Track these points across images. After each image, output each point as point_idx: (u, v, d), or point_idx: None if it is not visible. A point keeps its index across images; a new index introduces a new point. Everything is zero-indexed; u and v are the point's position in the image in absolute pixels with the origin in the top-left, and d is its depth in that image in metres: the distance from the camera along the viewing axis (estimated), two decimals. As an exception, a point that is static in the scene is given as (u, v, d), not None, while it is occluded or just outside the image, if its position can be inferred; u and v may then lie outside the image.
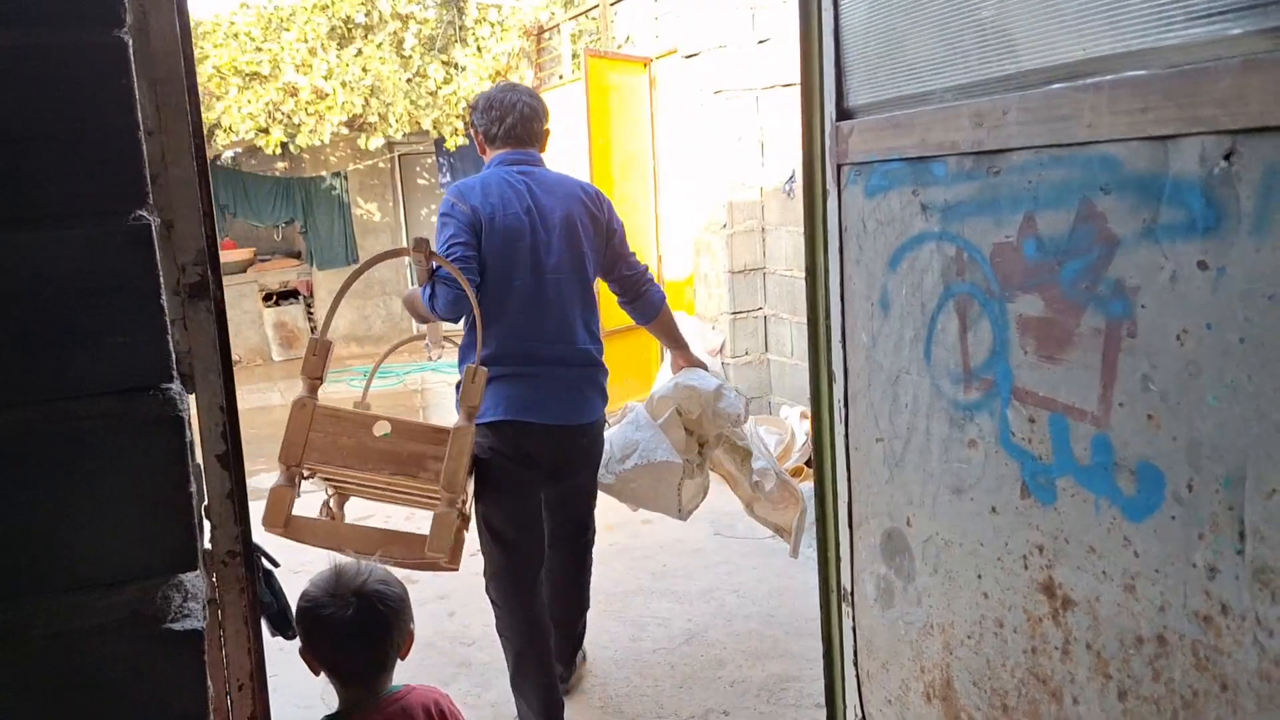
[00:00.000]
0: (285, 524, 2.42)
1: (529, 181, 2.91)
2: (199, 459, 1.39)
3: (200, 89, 6.98)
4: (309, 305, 11.60)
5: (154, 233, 1.25)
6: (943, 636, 1.62)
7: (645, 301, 3.25)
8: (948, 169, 1.59)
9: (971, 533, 1.55)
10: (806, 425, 5.52)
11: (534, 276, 2.85)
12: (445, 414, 8.46)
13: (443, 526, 2.45)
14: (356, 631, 1.77)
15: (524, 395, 2.82)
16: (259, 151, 11.33)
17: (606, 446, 3.30)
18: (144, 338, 1.24)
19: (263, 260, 11.55)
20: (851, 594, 1.86)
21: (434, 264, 2.73)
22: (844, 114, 1.83)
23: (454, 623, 3.89)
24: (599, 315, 3.08)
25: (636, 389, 6.97)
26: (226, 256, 11.28)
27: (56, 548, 1.19)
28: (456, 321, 2.88)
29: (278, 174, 11.36)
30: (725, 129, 5.80)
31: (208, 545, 1.42)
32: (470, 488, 2.74)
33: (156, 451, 1.25)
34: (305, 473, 2.50)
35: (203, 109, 8.95)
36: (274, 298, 11.50)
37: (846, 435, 1.85)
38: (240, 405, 1.44)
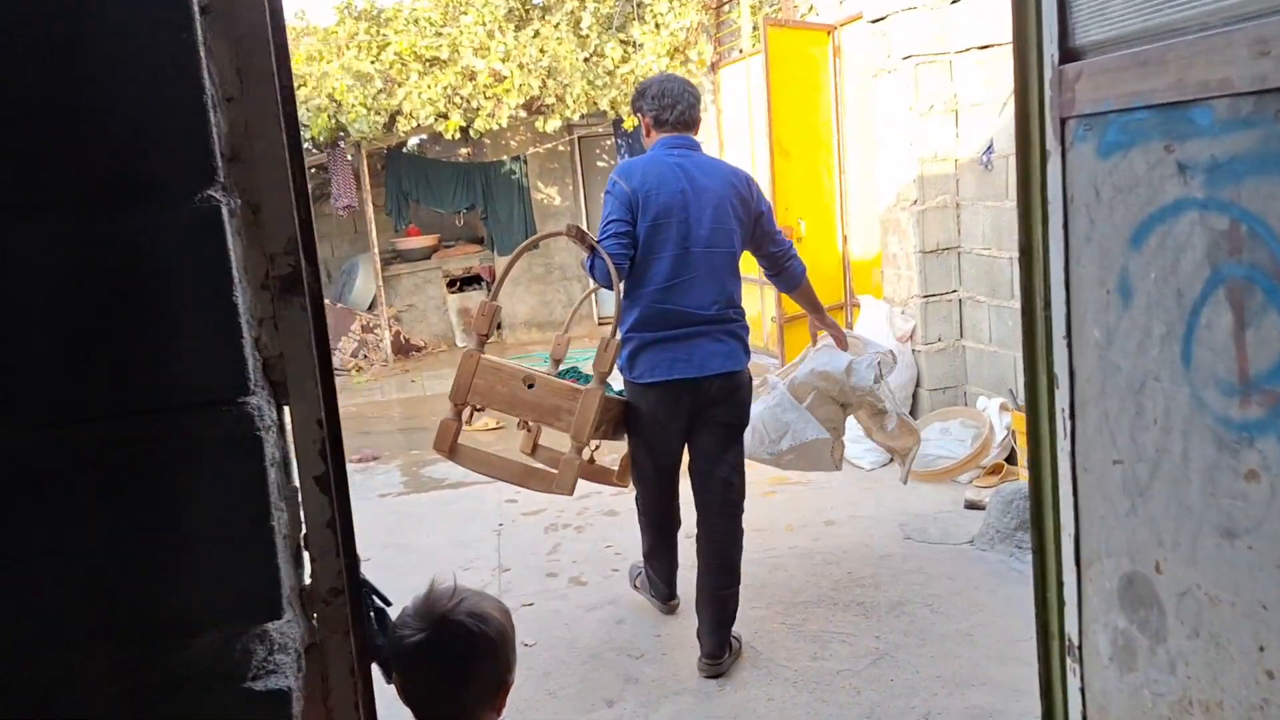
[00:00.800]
0: (451, 450, 3.04)
1: (687, 164, 3.24)
2: (295, 481, 1.20)
3: (382, 76, 7.06)
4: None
5: (227, 216, 1.05)
6: (1206, 718, 1.27)
7: (789, 274, 3.62)
8: (1215, 116, 1.22)
9: (1248, 590, 1.19)
10: (1007, 419, 5.04)
11: (684, 249, 3.18)
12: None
13: (567, 467, 3.01)
14: (431, 660, 1.48)
15: (671, 356, 3.19)
16: (441, 138, 11.54)
17: (758, 427, 3.77)
18: (214, 341, 1.05)
19: (446, 246, 11.78)
20: (1079, 647, 1.52)
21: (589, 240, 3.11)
22: (1069, 55, 1.48)
23: (622, 632, 3.69)
24: (741, 285, 3.41)
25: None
26: (411, 243, 11.56)
27: (115, 590, 1.02)
28: (610, 289, 3.14)
29: (460, 160, 11.54)
30: (915, 97, 5.36)
31: (308, 581, 1.23)
32: (609, 435, 3.30)
33: (231, 478, 1.06)
34: (468, 412, 3.10)
35: (385, 96, 9.20)
36: (457, 284, 11.71)
37: (1073, 453, 1.50)
38: (424, 392, 1.25)
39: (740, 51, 8.39)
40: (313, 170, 11.50)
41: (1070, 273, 1.50)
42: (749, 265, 3.58)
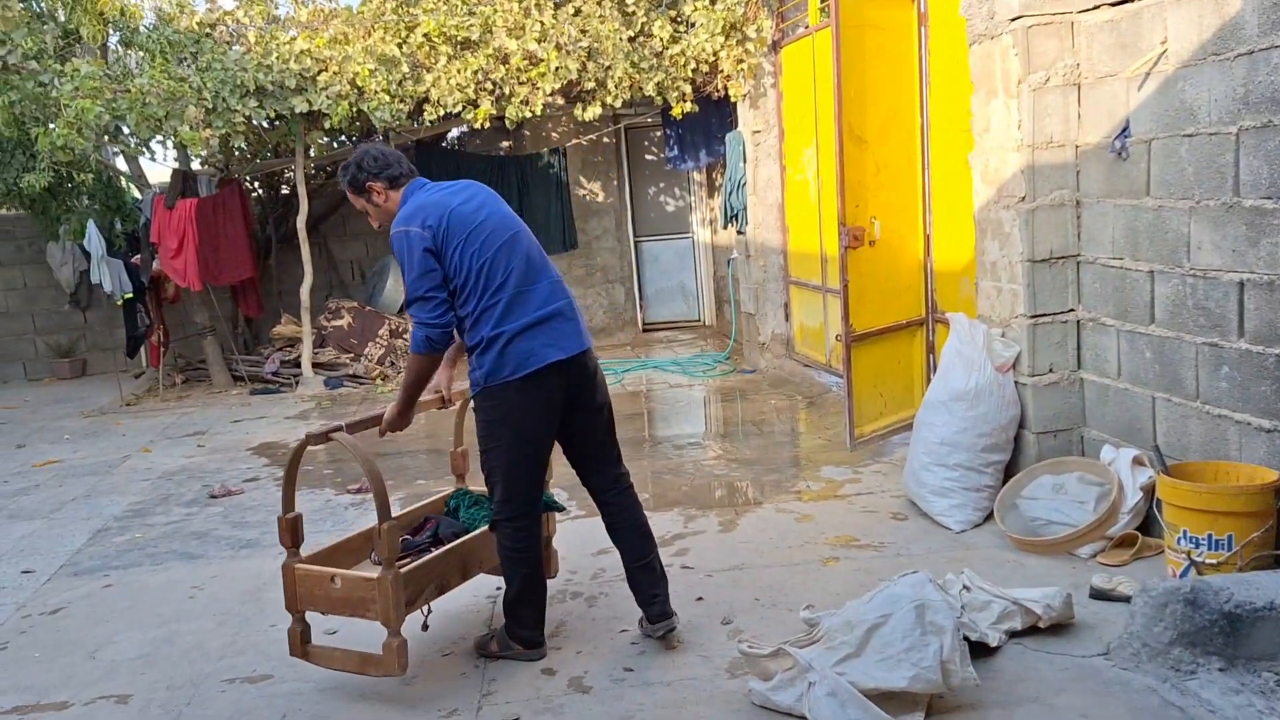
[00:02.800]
0: (304, 655, 3.34)
1: (450, 192, 3.32)
2: None
3: (409, 60, 6.07)
4: (529, 294, 10.81)
5: None
6: None
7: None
8: None
9: None
10: (1143, 477, 3.94)
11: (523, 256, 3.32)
12: (668, 424, 7.33)
13: (388, 652, 3.17)
14: None
15: (542, 341, 3.25)
16: (481, 131, 10.63)
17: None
18: None
19: (484, 246, 10.89)
20: None
21: None
22: None
23: None
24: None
25: (896, 404, 5.55)
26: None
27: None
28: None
29: (494, 153, 10.63)
30: (1025, 68, 4.28)
31: None
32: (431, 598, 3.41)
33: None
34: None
35: (412, 81, 8.29)
36: (494, 287, 10.80)
37: None
38: None
39: (805, 27, 7.33)
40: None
41: None
42: (805, 270, 2.71)
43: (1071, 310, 4.42)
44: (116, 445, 7.43)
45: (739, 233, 8.76)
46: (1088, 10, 4.21)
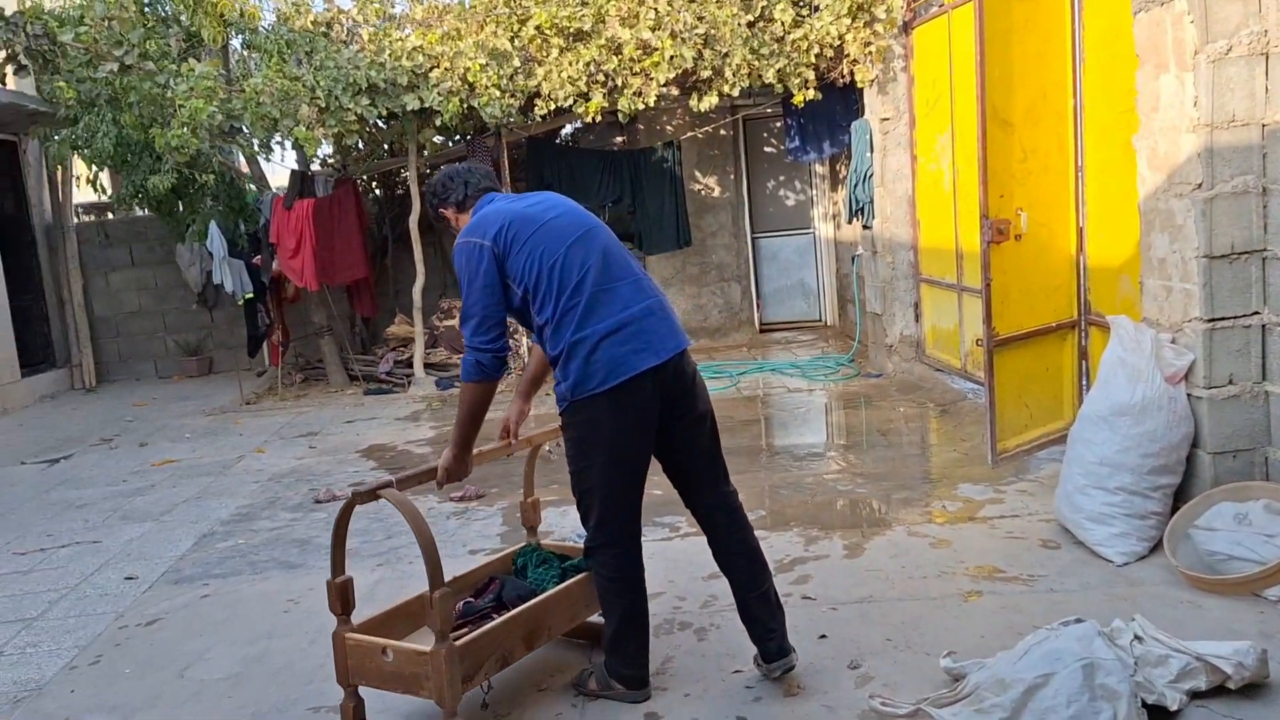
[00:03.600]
0: None
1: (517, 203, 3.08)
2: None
3: (521, 54, 5.02)
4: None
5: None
6: None
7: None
8: None
9: None
10: (1350, 510, 3.36)
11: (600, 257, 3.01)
12: (786, 432, 6.92)
13: None
14: None
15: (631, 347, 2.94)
16: (595, 126, 10.39)
17: None
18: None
19: (598, 244, 10.65)
20: None
21: None
22: None
23: None
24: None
25: (1044, 416, 5.02)
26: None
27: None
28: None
29: (607, 148, 10.37)
30: (1203, 35, 3.74)
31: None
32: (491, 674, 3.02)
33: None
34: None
35: (524, 76, 8.08)
36: (607, 284, 10.56)
37: None
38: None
39: (940, 5, 6.81)
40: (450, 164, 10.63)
41: None
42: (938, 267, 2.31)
43: (1256, 313, 3.85)
44: (233, 445, 7.45)
45: (865, 227, 8.27)
46: (1280, -34, 3.65)
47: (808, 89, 7.94)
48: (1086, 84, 4.91)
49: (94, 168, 9.29)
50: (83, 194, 11.71)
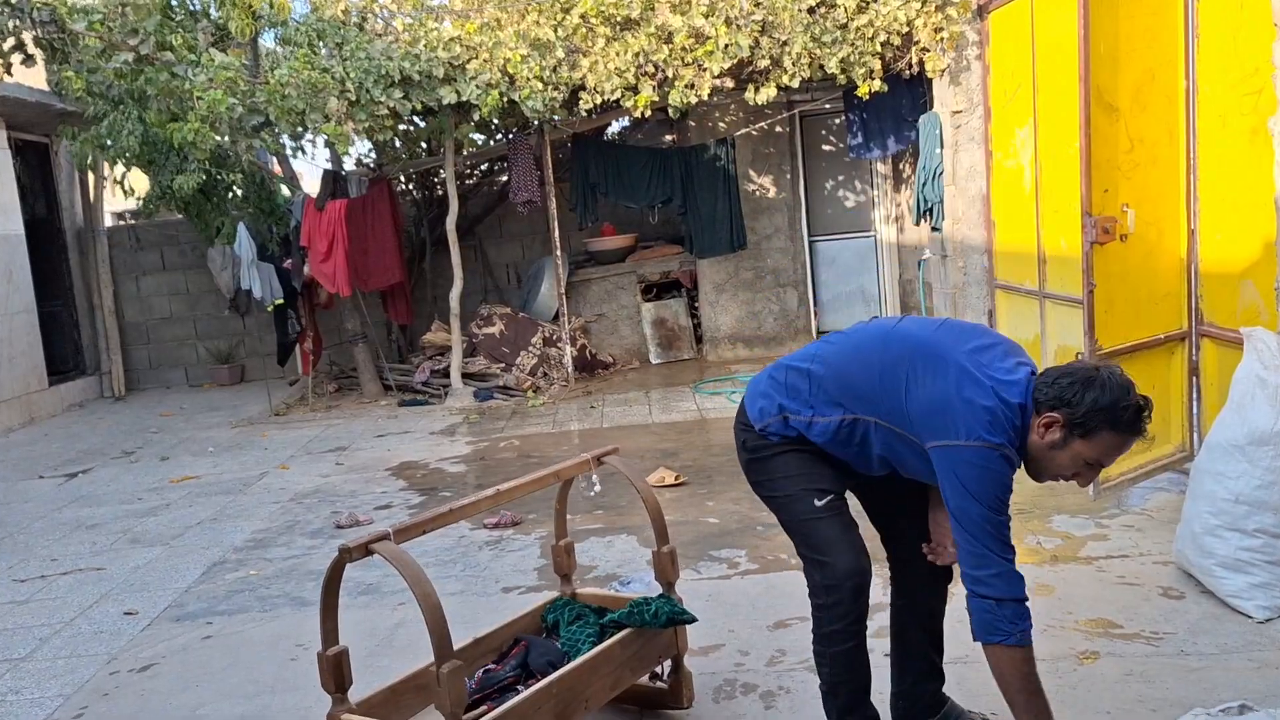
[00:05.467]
0: None
1: None
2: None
3: (565, 44, 3.90)
4: (692, 299, 9.99)
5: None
6: None
7: None
8: None
9: None
10: None
11: None
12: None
13: None
14: None
15: None
16: (644, 124, 9.89)
17: None
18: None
19: (644, 247, 10.14)
20: None
21: None
22: None
23: None
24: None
25: (1150, 440, 4.40)
26: (606, 244, 9.99)
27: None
28: None
29: (657, 146, 9.85)
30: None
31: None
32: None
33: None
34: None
35: (568, 68, 7.58)
36: (654, 290, 10.05)
37: None
38: (602, 422, 0.94)
39: (1023, -18, 6.21)
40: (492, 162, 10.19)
41: None
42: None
43: None
44: (257, 460, 7.04)
45: (933, 229, 7.67)
46: None
47: (873, 79, 7.37)
48: (1200, 62, 4.30)
49: (118, 167, 8.97)
50: (119, 201, 11.45)
